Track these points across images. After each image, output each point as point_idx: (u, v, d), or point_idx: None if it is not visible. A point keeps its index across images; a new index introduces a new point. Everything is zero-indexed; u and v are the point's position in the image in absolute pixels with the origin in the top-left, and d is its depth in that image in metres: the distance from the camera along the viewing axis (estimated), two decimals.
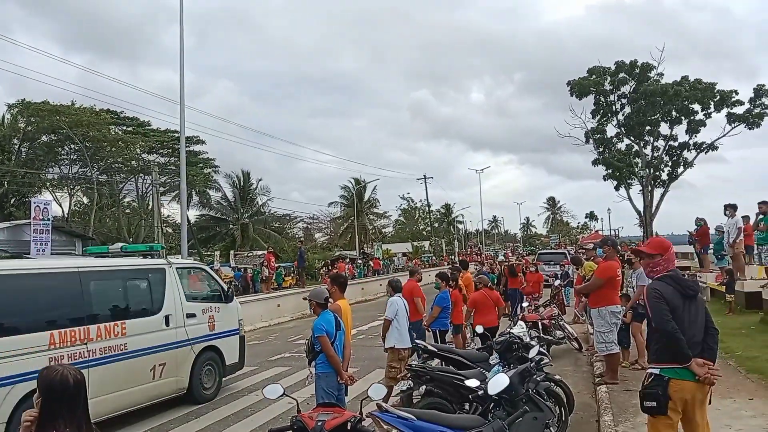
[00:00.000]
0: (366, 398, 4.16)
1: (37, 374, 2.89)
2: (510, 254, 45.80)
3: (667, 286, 4.20)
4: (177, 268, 9.56)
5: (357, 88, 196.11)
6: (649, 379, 4.12)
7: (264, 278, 27.40)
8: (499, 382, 4.47)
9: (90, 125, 41.69)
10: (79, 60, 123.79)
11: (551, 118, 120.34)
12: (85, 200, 49.05)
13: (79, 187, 47.77)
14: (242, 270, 33.19)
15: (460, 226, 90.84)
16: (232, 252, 42.80)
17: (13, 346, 6.76)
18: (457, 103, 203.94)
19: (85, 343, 7.54)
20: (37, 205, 30.51)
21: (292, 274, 34.01)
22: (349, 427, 3.71)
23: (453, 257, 57.48)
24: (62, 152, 45.83)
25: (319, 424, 3.68)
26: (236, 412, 8.63)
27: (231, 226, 52.47)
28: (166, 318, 8.83)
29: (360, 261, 46.74)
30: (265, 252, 30.81)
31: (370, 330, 16.69)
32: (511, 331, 7.69)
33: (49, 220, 30.91)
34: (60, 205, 46.67)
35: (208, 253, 40.92)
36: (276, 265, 30.29)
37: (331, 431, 3.65)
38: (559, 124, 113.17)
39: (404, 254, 58.61)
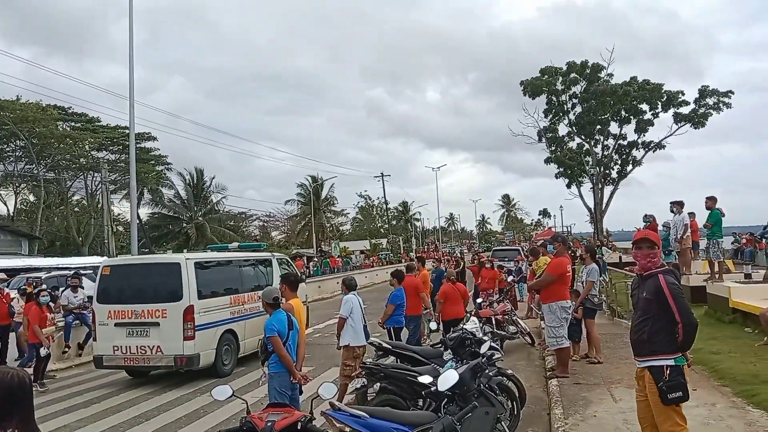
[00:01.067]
0: (317, 397, 4.13)
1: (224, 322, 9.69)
2: (467, 251, 46.28)
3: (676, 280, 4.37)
4: (276, 258, 14.12)
5: (314, 87, 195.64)
6: (668, 372, 4.18)
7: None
8: (448, 378, 4.51)
9: (36, 121, 40.36)
10: (23, 54, 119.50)
11: (505, 118, 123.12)
12: (32, 198, 47.47)
13: (24, 184, 46.16)
14: None
15: (418, 224, 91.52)
16: (185, 251, 41.97)
17: (217, 304, 11.07)
18: (413, 101, 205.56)
19: (242, 304, 11.82)
20: None
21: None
22: (299, 427, 3.68)
23: (411, 254, 57.77)
24: (7, 149, 44.21)
25: (269, 424, 3.64)
26: (188, 414, 8.48)
27: (184, 224, 51.47)
28: None
29: (317, 259, 46.50)
30: None
31: (326, 328, 16.62)
32: (465, 326, 7.78)
33: None
34: (5, 204, 45.06)
35: (161, 251, 39.98)
36: None
37: (281, 431, 3.62)
38: (513, 123, 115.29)
39: (362, 252, 58.65)
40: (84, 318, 13.19)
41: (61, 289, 15.44)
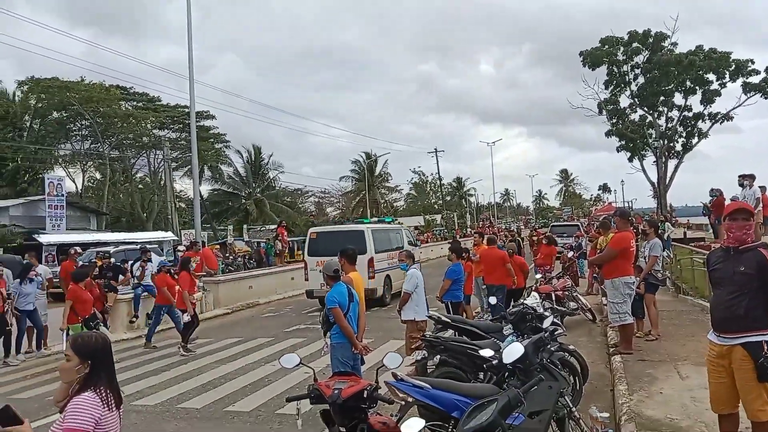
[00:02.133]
0: (382, 367, 4.18)
1: (386, 269, 16.49)
2: (523, 227, 45.69)
3: None
4: (403, 228, 21.14)
5: (363, 62, 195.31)
6: (767, 347, 4.02)
7: (277, 252, 27.55)
8: (513, 350, 4.47)
9: (100, 101, 41.70)
10: (82, 35, 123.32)
11: (562, 90, 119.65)
12: (98, 176, 49.31)
13: (91, 163, 47.99)
14: (256, 244, 33.41)
15: (472, 200, 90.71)
16: (245, 226, 42.99)
17: (382, 257, 16.52)
18: (465, 75, 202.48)
19: (392, 258, 16.12)
20: (51, 182, 30.84)
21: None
22: (365, 395, 3.73)
23: (465, 230, 57.39)
24: (74, 128, 45.96)
25: (336, 392, 3.71)
26: (254, 382, 8.76)
27: (243, 200, 52.60)
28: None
29: None
30: (278, 226, 30.91)
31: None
32: (525, 302, 7.71)
33: (63, 196, 31.23)
34: (73, 181, 47.00)
35: (222, 227, 41.16)
36: (288, 239, 30.42)
37: (348, 399, 3.68)
38: (571, 95, 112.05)
39: (416, 228, 58.65)
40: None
41: (130, 262, 16.07)
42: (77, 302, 9.91)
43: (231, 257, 29.25)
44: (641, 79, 43.22)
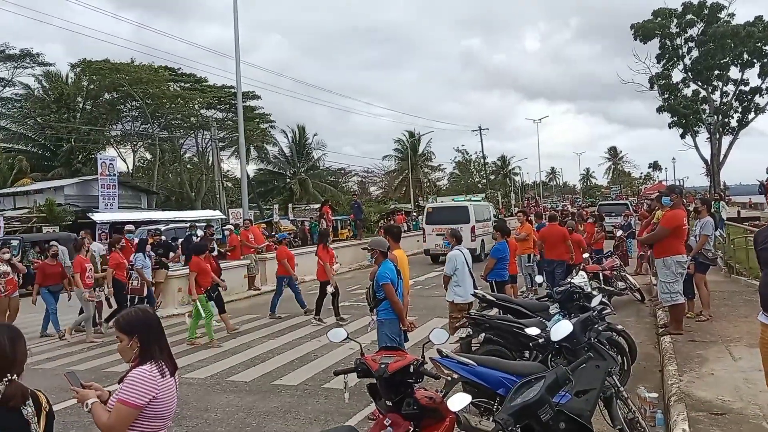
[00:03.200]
0: (428, 342, 4.21)
1: (481, 235, 21.47)
2: (569, 206, 44.91)
3: None
4: (490, 204, 27.62)
5: (406, 40, 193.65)
6: None
7: (322, 230, 27.80)
8: (562, 328, 4.43)
9: (149, 82, 42.56)
10: (129, 16, 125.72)
11: (611, 65, 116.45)
12: (148, 156, 50.52)
13: (141, 143, 49.22)
14: (300, 222, 33.80)
15: (517, 178, 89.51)
16: (290, 205, 43.51)
17: (480, 226, 21.47)
18: (510, 51, 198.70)
19: (487, 227, 21.09)
20: (104, 162, 31.78)
21: (348, 227, 34.42)
22: (411, 370, 3.76)
23: (511, 210, 56.74)
24: (124, 109, 47.13)
25: (383, 366, 3.75)
26: (300, 357, 8.94)
27: (288, 180, 53.21)
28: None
29: (415, 214, 46.80)
30: (322, 205, 31.21)
31: (427, 281, 16.85)
32: (572, 281, 7.62)
33: (115, 175, 32.18)
34: (124, 161, 48.34)
35: (267, 206, 41.79)
36: (333, 217, 30.68)
37: (394, 373, 3.72)
38: (621, 70, 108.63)
39: None
40: None
41: (180, 239, 16.49)
42: (200, 274, 10.35)
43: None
44: (695, 53, 41.66)
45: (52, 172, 40.99)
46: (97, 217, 27.95)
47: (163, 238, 16.77)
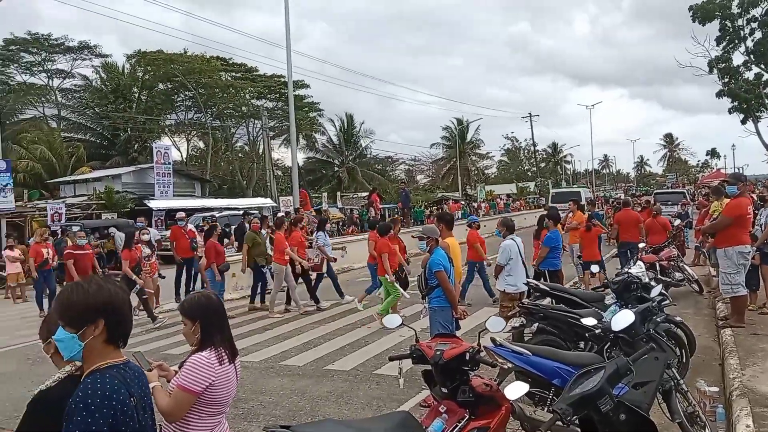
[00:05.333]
0: (484, 330, 4.18)
1: None
2: (622, 195, 43.83)
3: None
4: (583, 189, 35.34)
5: (453, 25, 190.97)
6: None
7: (371, 218, 27.99)
8: (624, 318, 4.33)
9: (202, 72, 43.43)
10: (179, 6, 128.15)
11: (666, 48, 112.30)
12: (201, 145, 51.67)
13: (194, 132, 50.36)
14: (349, 210, 34.03)
15: (568, 166, 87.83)
16: (338, 193, 43.82)
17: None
18: (559, 35, 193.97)
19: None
20: (159, 150, 32.68)
21: (396, 215, 34.47)
22: (467, 357, 3.75)
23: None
24: (178, 99, 48.25)
25: (438, 353, 3.75)
26: (351, 343, 9.04)
27: (336, 168, 53.58)
28: None
29: (463, 202, 46.50)
30: (371, 193, 31.35)
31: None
32: (629, 271, 7.44)
33: (170, 164, 33.06)
34: (178, 150, 49.55)
35: (316, 195, 42.23)
36: (381, 206, 30.79)
37: (450, 360, 3.72)
38: (678, 53, 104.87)
39: (508, 196, 57.60)
40: None
41: (232, 226, 16.84)
42: (390, 255, 10.41)
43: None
44: (758, 34, 39.73)
45: (110, 160, 42.40)
46: (153, 204, 28.83)
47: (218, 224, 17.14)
